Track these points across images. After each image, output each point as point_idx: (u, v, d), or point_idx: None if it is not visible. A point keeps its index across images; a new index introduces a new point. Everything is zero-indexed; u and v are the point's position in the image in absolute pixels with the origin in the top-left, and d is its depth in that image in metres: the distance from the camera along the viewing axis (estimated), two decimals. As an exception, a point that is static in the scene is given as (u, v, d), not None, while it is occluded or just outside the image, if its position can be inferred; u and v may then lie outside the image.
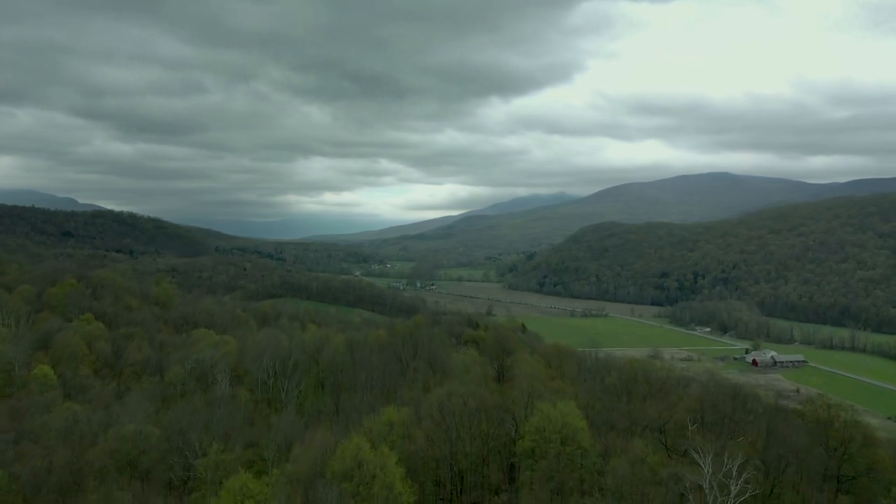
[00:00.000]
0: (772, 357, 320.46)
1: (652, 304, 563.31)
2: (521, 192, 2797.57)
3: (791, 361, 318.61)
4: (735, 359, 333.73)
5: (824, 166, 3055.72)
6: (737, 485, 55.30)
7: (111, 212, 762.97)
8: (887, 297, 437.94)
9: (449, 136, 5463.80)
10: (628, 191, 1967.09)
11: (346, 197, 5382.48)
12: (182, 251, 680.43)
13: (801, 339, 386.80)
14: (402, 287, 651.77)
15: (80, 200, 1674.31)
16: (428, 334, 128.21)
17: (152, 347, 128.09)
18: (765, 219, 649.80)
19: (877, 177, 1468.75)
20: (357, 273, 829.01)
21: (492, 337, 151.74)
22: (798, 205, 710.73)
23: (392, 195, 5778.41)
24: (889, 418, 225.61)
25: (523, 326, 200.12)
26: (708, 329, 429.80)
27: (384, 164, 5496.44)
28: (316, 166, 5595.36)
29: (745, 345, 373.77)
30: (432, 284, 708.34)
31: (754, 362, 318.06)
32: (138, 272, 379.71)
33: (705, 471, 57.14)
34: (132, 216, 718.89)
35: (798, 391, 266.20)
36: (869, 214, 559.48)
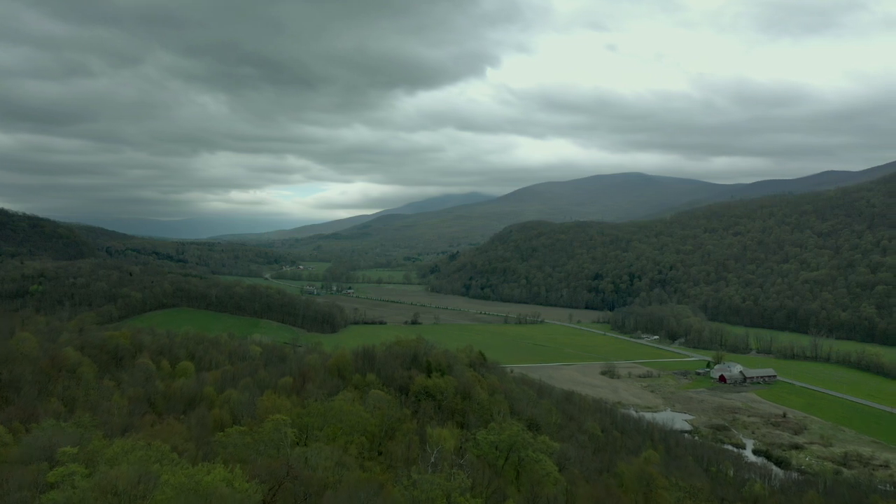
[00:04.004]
0: (740, 372, 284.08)
1: (587, 307, 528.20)
2: (435, 190, 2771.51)
3: (761, 377, 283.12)
4: (698, 373, 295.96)
5: (727, 167, 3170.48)
6: None
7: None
8: (836, 299, 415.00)
9: (357, 132, 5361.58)
10: (544, 190, 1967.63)
11: (254, 195, 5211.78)
12: (62, 253, 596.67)
13: (759, 348, 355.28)
14: (316, 292, 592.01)
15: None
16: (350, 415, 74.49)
17: None
18: (698, 217, 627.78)
19: (778, 178, 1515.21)
20: (267, 275, 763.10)
21: (454, 387, 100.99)
22: (730, 203, 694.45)
23: (302, 193, 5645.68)
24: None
25: (482, 356, 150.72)
26: (656, 337, 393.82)
27: (292, 160, 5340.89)
28: (221, 162, 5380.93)
29: (700, 354, 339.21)
30: (349, 288, 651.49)
31: (722, 378, 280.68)
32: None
33: None
34: (2, 212, 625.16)
35: (785, 416, 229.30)
36: (805, 213, 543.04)
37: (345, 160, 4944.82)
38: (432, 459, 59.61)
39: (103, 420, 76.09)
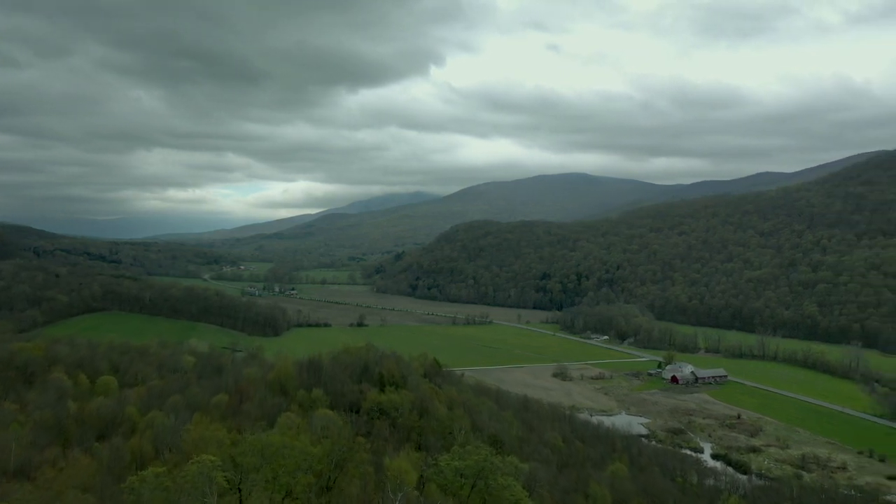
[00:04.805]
0: (692, 372, 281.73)
1: (535, 307, 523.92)
2: (379, 189, 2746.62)
3: (713, 377, 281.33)
4: (650, 374, 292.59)
5: (666, 168, 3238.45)
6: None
7: None
8: (779, 298, 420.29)
9: (299, 129, 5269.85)
10: (489, 190, 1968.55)
11: (193, 193, 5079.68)
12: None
13: (707, 347, 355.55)
14: (257, 293, 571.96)
15: None
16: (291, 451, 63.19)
17: None
18: (644, 217, 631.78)
19: (716, 179, 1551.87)
20: (206, 276, 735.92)
21: (410, 402, 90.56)
22: (674, 203, 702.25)
23: (243, 192, 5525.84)
24: (860, 452, 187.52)
25: (437, 364, 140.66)
26: (605, 337, 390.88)
27: (232, 158, 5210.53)
28: (157, 159, 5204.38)
29: (650, 354, 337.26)
30: (293, 289, 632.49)
31: (674, 379, 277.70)
32: None
33: None
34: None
35: (739, 417, 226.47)
36: (747, 213, 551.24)
37: (287, 158, 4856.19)
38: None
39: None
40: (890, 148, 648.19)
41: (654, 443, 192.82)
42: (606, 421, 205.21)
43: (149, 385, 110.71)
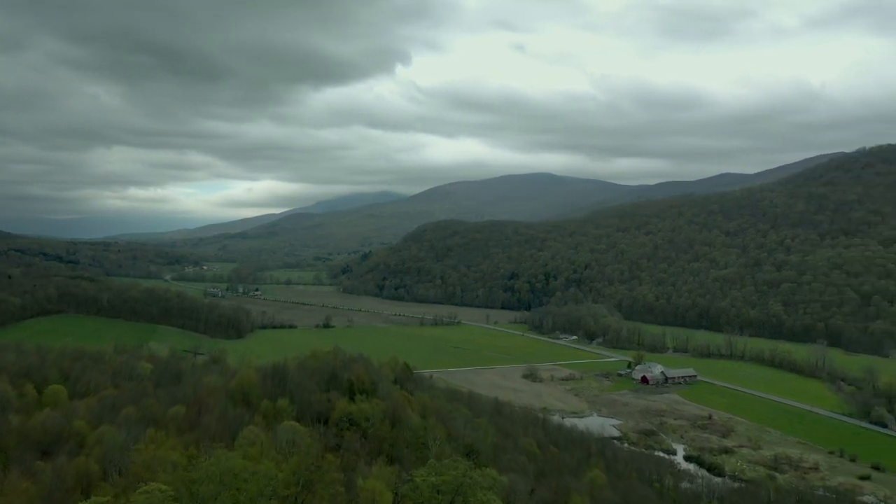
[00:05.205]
0: (661, 372, 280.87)
1: (503, 307, 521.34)
2: (345, 189, 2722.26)
3: (683, 377, 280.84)
4: (620, 374, 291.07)
5: (630, 168, 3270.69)
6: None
7: None
8: (744, 297, 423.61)
9: (263, 128, 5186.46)
10: (455, 189, 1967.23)
11: (154, 192, 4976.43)
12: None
13: (675, 347, 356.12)
14: (221, 294, 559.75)
15: None
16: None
17: None
18: (611, 217, 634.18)
19: (678, 179, 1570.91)
20: (167, 277, 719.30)
21: (382, 411, 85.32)
22: (641, 203, 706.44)
23: (206, 191, 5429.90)
24: (831, 452, 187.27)
25: (408, 368, 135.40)
26: (574, 337, 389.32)
27: (194, 156, 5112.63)
28: (117, 157, 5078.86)
29: (619, 355, 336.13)
30: (257, 290, 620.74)
31: (644, 380, 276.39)
32: None
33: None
34: None
35: (710, 417, 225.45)
36: (712, 213, 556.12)
37: (251, 157, 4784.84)
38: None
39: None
40: (847, 150, 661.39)
41: (626, 445, 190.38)
42: (578, 423, 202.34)
43: (101, 395, 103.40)
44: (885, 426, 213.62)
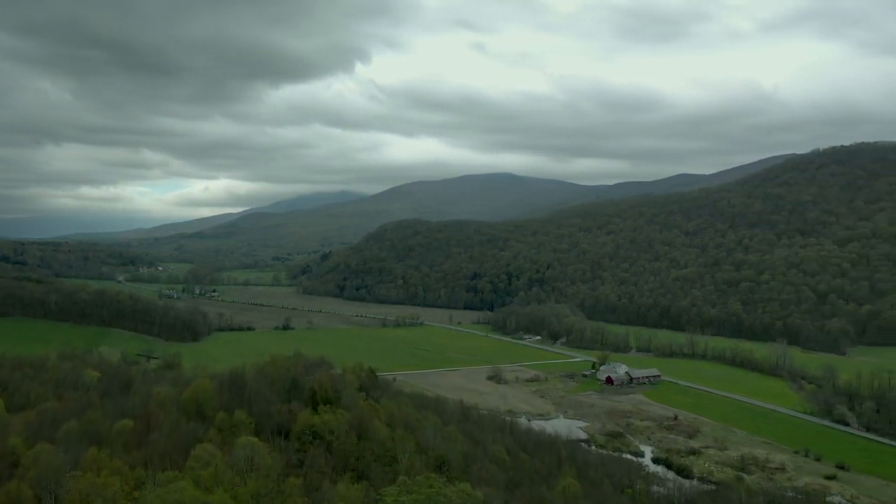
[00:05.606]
0: (626, 373, 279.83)
1: (466, 308, 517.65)
2: (304, 188, 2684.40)
3: (647, 377, 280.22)
4: (584, 375, 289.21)
5: (589, 168, 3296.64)
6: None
7: None
8: (704, 297, 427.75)
9: (219, 125, 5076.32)
10: (416, 189, 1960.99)
11: (108, 191, 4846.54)
12: None
13: (638, 347, 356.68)
14: (176, 295, 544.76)
15: None
16: None
17: None
18: (572, 216, 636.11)
19: (637, 180, 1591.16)
20: (121, 278, 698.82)
21: (347, 422, 79.75)
22: (601, 203, 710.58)
23: (161, 190, 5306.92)
24: (796, 452, 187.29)
25: (373, 374, 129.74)
26: (538, 337, 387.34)
27: (148, 154, 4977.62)
28: (68, 155, 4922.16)
29: (583, 355, 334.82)
30: (214, 291, 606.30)
31: (609, 380, 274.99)
32: None
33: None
34: None
35: (676, 418, 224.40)
36: (672, 213, 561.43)
37: (207, 155, 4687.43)
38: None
39: None
40: (799, 151, 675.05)
41: (594, 448, 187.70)
42: (544, 425, 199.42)
43: (40, 408, 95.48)
44: (847, 425, 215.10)
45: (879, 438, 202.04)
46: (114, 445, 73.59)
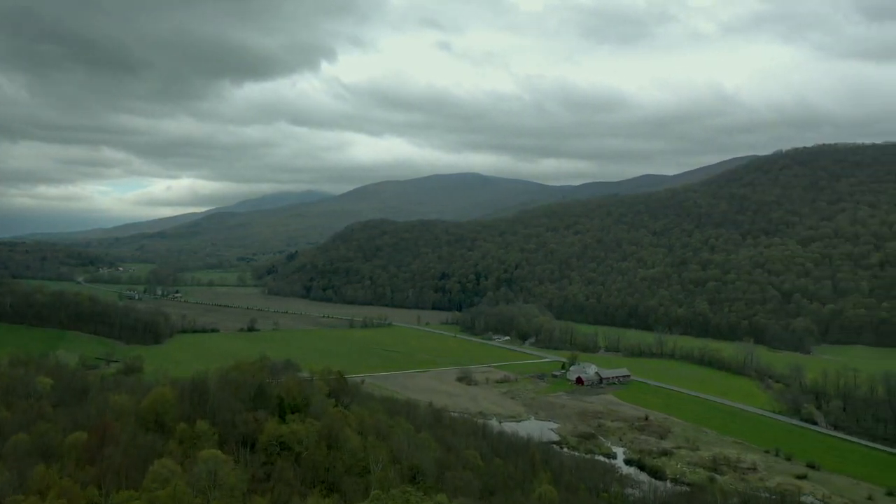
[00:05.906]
0: (596, 373, 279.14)
1: (434, 308, 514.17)
2: (270, 188, 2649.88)
3: (617, 377, 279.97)
4: (554, 375, 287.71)
5: (555, 169, 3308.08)
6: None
7: None
8: (672, 296, 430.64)
9: (182, 123, 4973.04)
10: (383, 189, 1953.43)
11: (66, 190, 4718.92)
12: None
13: (607, 346, 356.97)
14: (137, 297, 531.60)
15: None
16: None
17: None
18: (540, 216, 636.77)
19: (602, 180, 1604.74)
20: (80, 279, 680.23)
21: (317, 432, 75.57)
22: (568, 203, 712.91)
23: (122, 189, 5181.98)
24: (767, 451, 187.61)
25: (343, 379, 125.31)
26: (507, 338, 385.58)
27: (108, 152, 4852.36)
28: (24, 153, 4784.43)
29: (553, 355, 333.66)
30: (177, 292, 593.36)
31: (579, 380, 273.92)
32: None
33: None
34: None
35: (647, 418, 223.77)
36: (639, 213, 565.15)
37: (170, 154, 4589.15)
38: None
39: None
40: (760, 153, 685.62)
41: (566, 449, 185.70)
42: (516, 427, 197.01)
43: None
44: (815, 423, 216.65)
45: (847, 437, 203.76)
46: (65, 461, 68.49)
